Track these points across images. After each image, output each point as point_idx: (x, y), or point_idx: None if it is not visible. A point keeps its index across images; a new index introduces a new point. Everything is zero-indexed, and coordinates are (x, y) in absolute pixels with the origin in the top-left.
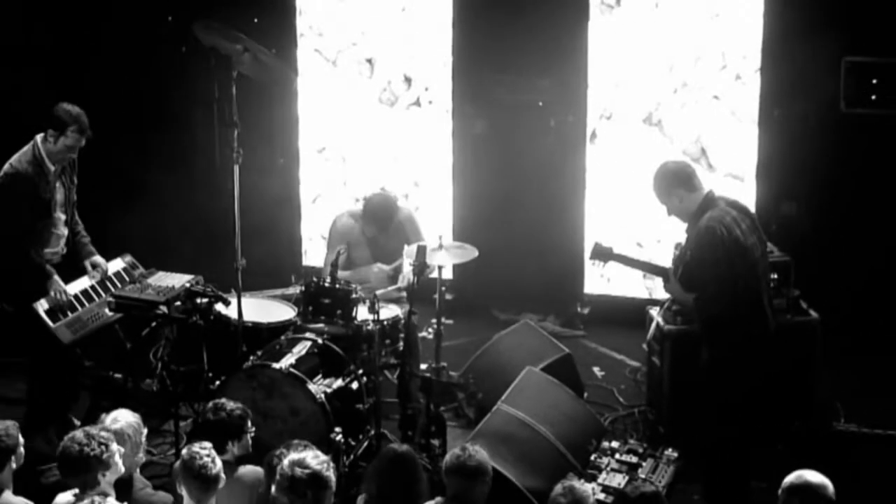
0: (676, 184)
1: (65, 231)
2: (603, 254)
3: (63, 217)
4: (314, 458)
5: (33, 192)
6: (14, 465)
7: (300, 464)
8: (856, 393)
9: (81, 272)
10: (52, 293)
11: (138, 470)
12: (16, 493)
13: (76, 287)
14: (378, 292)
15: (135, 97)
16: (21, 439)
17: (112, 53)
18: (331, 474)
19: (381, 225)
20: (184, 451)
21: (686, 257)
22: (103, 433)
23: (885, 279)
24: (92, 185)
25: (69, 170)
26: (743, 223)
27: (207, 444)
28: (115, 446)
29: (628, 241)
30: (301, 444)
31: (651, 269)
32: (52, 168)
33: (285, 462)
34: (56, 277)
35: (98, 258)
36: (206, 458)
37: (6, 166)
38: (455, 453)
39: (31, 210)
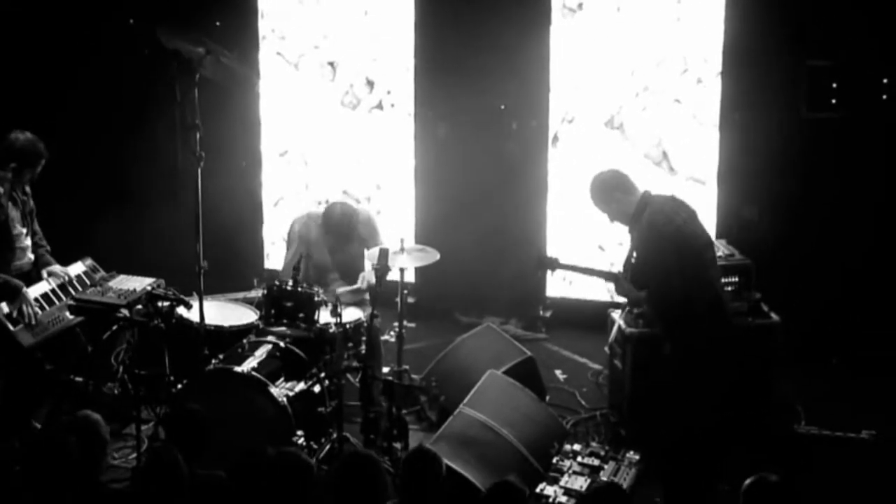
0: (611, 189)
1: (28, 242)
2: (547, 264)
3: (24, 230)
4: None
5: None
6: None
7: None
8: (816, 395)
9: (38, 279)
10: (21, 307)
11: None
12: None
13: (36, 291)
14: (338, 291)
15: (96, 101)
16: None
17: (74, 56)
18: None
19: (339, 238)
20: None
21: (633, 257)
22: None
23: (845, 282)
24: (53, 189)
25: (15, 183)
26: (682, 213)
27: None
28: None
29: (590, 245)
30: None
31: (600, 274)
32: (1, 190)
33: None
34: (25, 292)
35: (55, 267)
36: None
37: None
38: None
39: None
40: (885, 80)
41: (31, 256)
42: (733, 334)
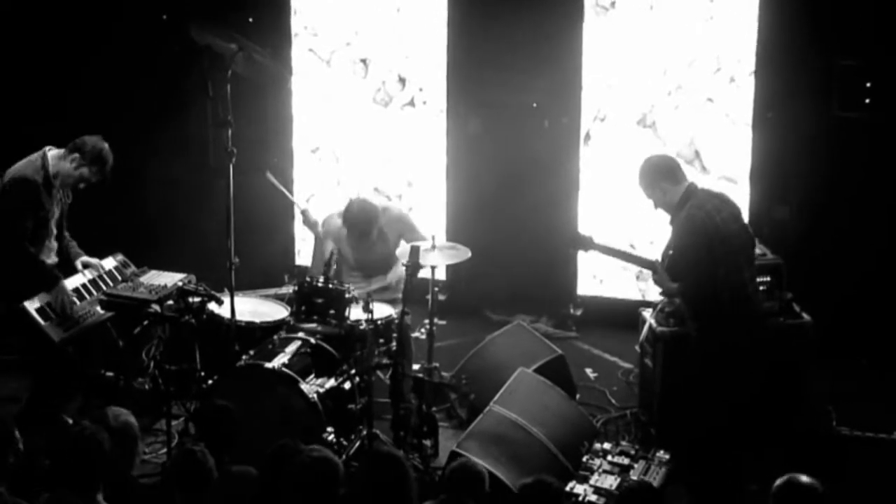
0: (660, 177)
1: (55, 245)
2: (581, 243)
3: (55, 231)
4: None
5: (38, 200)
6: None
7: None
8: (847, 396)
9: (72, 272)
10: (56, 298)
11: None
12: (11, 490)
13: (71, 283)
14: (369, 288)
15: (129, 96)
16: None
17: (107, 52)
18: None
19: (359, 233)
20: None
21: (670, 247)
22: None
23: (877, 282)
24: (81, 191)
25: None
26: (723, 211)
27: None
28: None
29: (622, 243)
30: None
31: (637, 260)
32: (55, 183)
33: None
34: (63, 284)
35: (88, 258)
36: (199, 454)
37: (13, 171)
38: None
39: (33, 217)
40: None
41: (56, 259)
42: (760, 337)
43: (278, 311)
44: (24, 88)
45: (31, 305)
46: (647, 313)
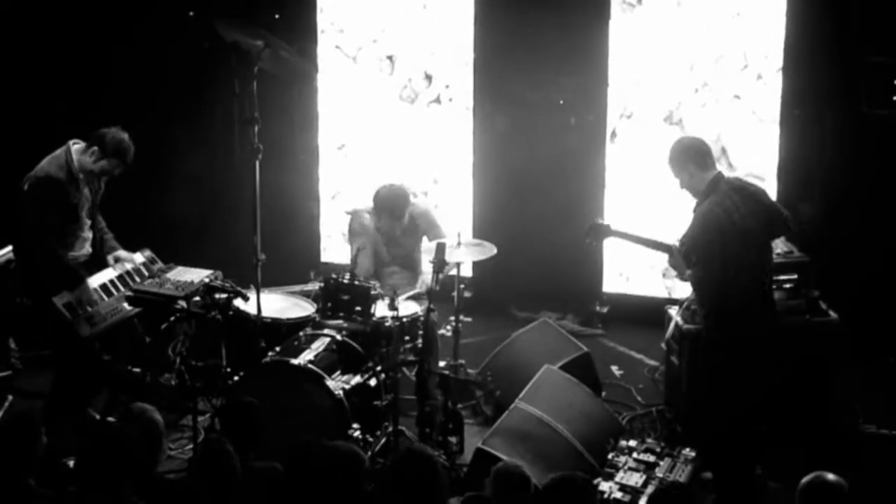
0: (689, 159)
1: (90, 234)
2: (598, 232)
3: (88, 221)
4: None
5: (63, 198)
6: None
7: None
8: (874, 394)
9: (103, 267)
10: (79, 296)
11: None
12: (39, 483)
13: (96, 281)
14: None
15: (155, 93)
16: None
17: (133, 49)
18: None
19: (393, 214)
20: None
21: (688, 234)
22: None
23: None
24: (112, 180)
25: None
26: (744, 207)
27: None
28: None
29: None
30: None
31: (655, 245)
32: (81, 176)
33: None
34: (87, 284)
35: (121, 252)
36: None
37: (38, 169)
38: None
39: (60, 214)
40: None
41: (90, 249)
42: (771, 334)
43: (304, 308)
44: (52, 86)
45: (59, 300)
46: (674, 311)
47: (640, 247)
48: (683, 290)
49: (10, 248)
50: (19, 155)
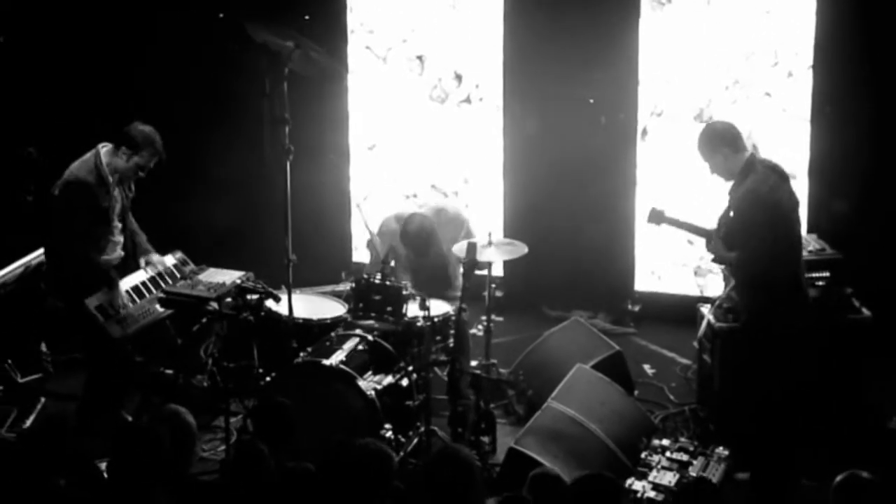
0: (722, 143)
1: (121, 238)
2: (658, 216)
3: (119, 225)
4: None
5: (93, 201)
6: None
7: None
8: None
9: (136, 269)
10: (109, 299)
11: None
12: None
13: (128, 283)
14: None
15: (186, 94)
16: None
17: (164, 51)
18: None
19: (416, 251)
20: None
21: (729, 217)
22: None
23: None
24: (142, 181)
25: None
26: (782, 188)
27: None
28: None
29: (679, 238)
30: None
31: (695, 230)
32: (111, 179)
33: None
34: (119, 287)
35: (153, 256)
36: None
37: (67, 174)
38: None
39: (90, 218)
40: None
41: (122, 253)
42: (809, 321)
43: (335, 308)
44: (81, 90)
45: (92, 303)
46: (706, 309)
47: (685, 232)
48: (715, 288)
49: (41, 250)
50: (50, 159)
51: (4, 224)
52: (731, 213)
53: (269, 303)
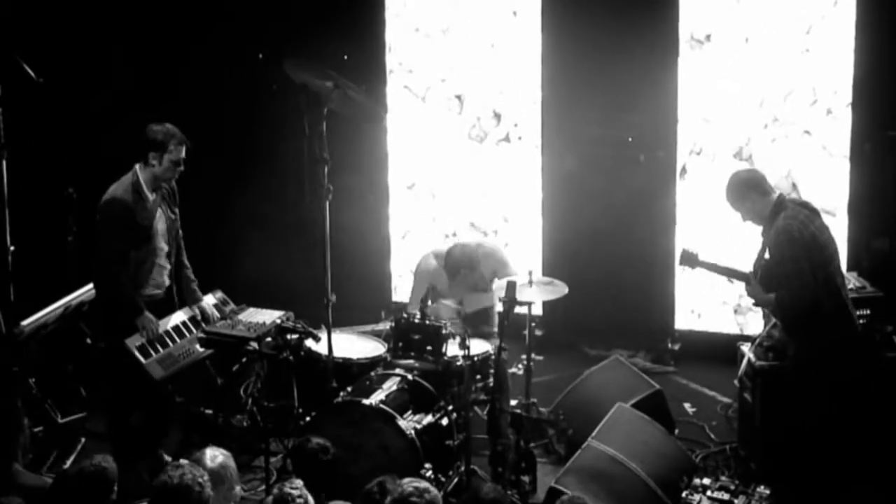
0: (749, 189)
1: (168, 264)
2: (690, 259)
3: (165, 248)
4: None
5: (131, 218)
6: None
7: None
8: None
9: (174, 308)
10: (142, 328)
11: None
12: None
13: (168, 323)
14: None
15: (226, 134)
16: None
17: (203, 91)
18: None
19: (463, 267)
20: (275, 490)
21: (764, 259)
22: (203, 476)
23: None
24: (183, 222)
25: (169, 199)
26: (815, 221)
27: (299, 483)
28: (209, 490)
29: (718, 276)
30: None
31: (733, 273)
32: (151, 196)
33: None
34: (147, 313)
35: (204, 305)
36: (298, 499)
37: (105, 195)
38: None
39: (129, 236)
40: None
41: (168, 281)
42: (859, 337)
43: (375, 348)
44: (119, 128)
45: (133, 343)
46: (746, 347)
47: (721, 276)
48: (756, 326)
49: (81, 290)
50: (91, 199)
51: (46, 265)
52: (767, 255)
53: (309, 342)
